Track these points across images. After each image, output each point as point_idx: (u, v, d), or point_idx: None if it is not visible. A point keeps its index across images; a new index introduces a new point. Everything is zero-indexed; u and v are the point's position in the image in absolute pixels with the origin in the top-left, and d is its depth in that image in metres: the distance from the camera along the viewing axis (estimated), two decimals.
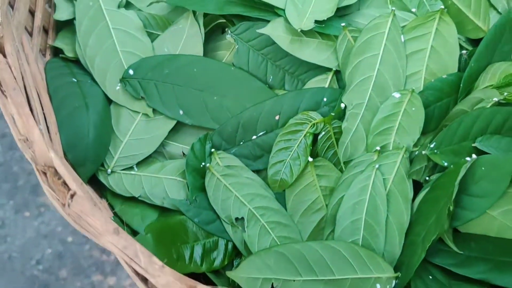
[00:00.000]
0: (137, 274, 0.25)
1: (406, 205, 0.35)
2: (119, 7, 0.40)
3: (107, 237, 0.22)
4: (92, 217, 0.23)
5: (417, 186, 0.37)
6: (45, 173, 0.25)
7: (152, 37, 0.40)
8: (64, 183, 0.24)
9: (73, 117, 0.36)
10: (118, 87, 0.38)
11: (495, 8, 0.45)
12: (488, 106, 0.36)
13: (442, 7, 0.37)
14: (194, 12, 0.39)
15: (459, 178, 0.33)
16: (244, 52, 0.38)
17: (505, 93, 0.36)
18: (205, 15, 0.39)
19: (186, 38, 0.39)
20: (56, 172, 0.24)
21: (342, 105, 0.36)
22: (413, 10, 0.39)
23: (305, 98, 0.36)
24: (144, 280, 0.26)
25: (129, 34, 0.39)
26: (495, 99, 0.36)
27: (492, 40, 0.37)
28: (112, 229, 0.22)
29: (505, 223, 0.35)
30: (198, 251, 0.34)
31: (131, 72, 0.37)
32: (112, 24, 0.39)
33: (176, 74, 0.37)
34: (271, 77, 0.38)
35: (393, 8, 0.37)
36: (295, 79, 0.38)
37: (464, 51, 0.38)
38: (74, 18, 0.41)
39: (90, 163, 0.35)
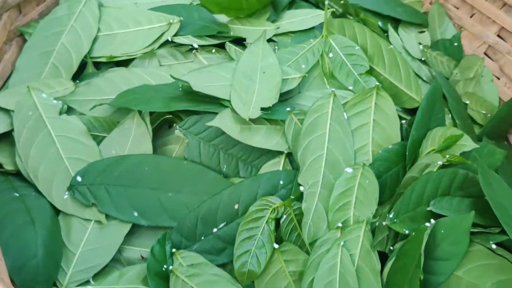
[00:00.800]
0: None
1: (376, 278, 0.35)
2: (60, 113, 0.39)
3: None
4: None
5: (383, 257, 0.37)
6: None
7: (98, 139, 0.39)
8: None
9: (18, 236, 0.33)
10: (66, 196, 0.36)
11: (420, 77, 0.49)
12: (435, 170, 0.38)
13: (377, 83, 0.40)
14: (139, 111, 0.39)
15: (423, 245, 0.33)
16: (194, 145, 0.38)
17: (447, 156, 0.38)
18: (151, 112, 0.39)
19: (133, 137, 0.38)
20: None
21: (301, 187, 0.36)
22: (350, 88, 0.42)
23: (262, 183, 0.36)
24: None
25: (73, 140, 0.38)
26: (439, 162, 0.38)
27: (427, 109, 0.40)
28: None
29: (471, 281, 0.36)
30: None
31: (79, 178, 0.36)
32: (55, 132, 0.38)
33: (126, 175, 0.36)
34: (225, 166, 0.38)
35: (333, 89, 0.39)
36: (249, 165, 0.39)
37: (403, 121, 0.41)
38: (12, 130, 0.39)
39: (40, 285, 0.32)
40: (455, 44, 0.57)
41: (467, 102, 0.49)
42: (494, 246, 0.35)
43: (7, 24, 0.44)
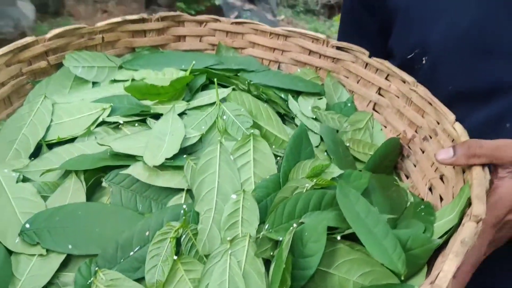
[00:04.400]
0: None
1: (261, 279, 0.44)
2: (17, 182, 0.51)
3: None
4: None
5: (269, 263, 0.46)
6: None
7: (46, 198, 0.51)
8: None
9: None
10: (17, 240, 0.46)
11: (311, 130, 0.62)
12: (304, 191, 0.49)
13: (253, 131, 0.53)
14: (76, 172, 0.51)
15: (288, 241, 0.43)
16: (117, 192, 0.49)
17: (315, 180, 0.49)
18: (85, 171, 0.51)
19: (72, 193, 0.50)
20: None
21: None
22: (238, 138, 0.54)
23: (167, 213, 0.47)
24: None
25: (25, 199, 0.49)
26: (307, 185, 0.49)
27: (294, 145, 0.52)
28: None
29: (342, 276, 0.45)
30: None
31: (27, 225, 0.47)
32: (11, 195, 0.50)
33: (64, 219, 0.47)
34: (141, 206, 0.49)
35: (221, 141, 0.52)
36: (159, 203, 0.50)
37: (279, 158, 0.53)
38: None
39: None
40: (349, 104, 0.71)
41: (348, 144, 0.61)
42: (339, 238, 0.45)
43: None
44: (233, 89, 0.62)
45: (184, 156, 0.50)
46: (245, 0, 5.81)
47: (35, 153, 0.56)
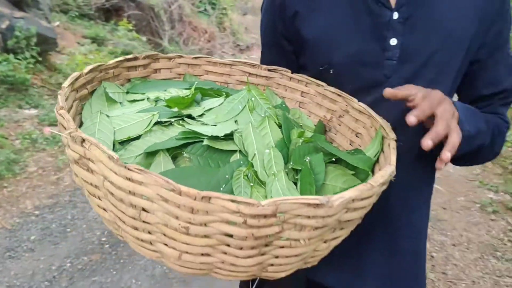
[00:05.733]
0: None
1: (296, 191, 0.77)
2: None
3: None
4: None
5: None
6: None
7: None
8: None
9: None
10: None
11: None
12: (300, 144, 0.85)
13: (267, 113, 0.87)
14: (162, 151, 0.76)
15: (306, 167, 0.78)
16: (195, 159, 0.77)
17: (303, 138, 0.85)
18: (168, 150, 0.77)
19: (163, 164, 0.75)
20: None
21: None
22: (262, 115, 0.87)
23: (233, 164, 0.77)
24: None
25: None
26: (300, 141, 0.85)
27: (285, 123, 0.87)
28: None
29: (332, 185, 0.80)
30: None
31: None
32: None
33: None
34: (212, 165, 0.78)
35: (251, 121, 0.84)
36: (223, 161, 0.79)
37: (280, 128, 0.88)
38: None
39: None
40: (283, 105, 1.09)
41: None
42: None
43: None
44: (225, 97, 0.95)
45: (232, 130, 0.81)
46: (13, 8, 5.51)
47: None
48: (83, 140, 0.63)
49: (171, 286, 2.86)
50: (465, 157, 0.93)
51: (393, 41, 0.93)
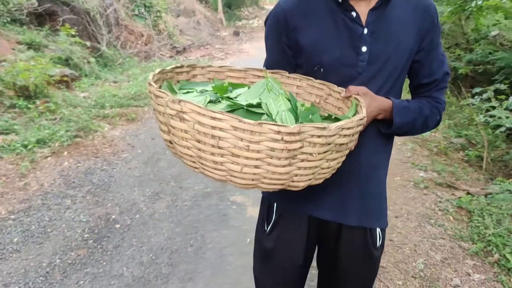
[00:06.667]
0: None
1: None
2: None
3: None
4: None
5: None
6: None
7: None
8: None
9: None
10: None
11: None
12: (304, 110, 1.29)
13: (281, 91, 1.32)
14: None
15: (312, 116, 1.22)
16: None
17: (304, 106, 1.30)
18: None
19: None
20: None
21: None
22: (277, 93, 1.32)
23: (266, 119, 1.20)
24: None
25: None
26: (302, 108, 1.29)
27: (292, 99, 1.32)
28: None
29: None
30: None
31: None
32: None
33: None
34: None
35: (271, 96, 1.28)
36: (257, 118, 1.22)
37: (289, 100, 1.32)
38: None
39: None
40: (288, 93, 1.54)
41: None
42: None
43: None
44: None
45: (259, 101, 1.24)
46: None
47: None
48: (180, 101, 1.05)
49: (160, 270, 3.18)
50: (402, 134, 1.50)
51: (364, 49, 1.39)
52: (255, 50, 14.47)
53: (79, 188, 4.29)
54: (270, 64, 1.59)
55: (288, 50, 1.48)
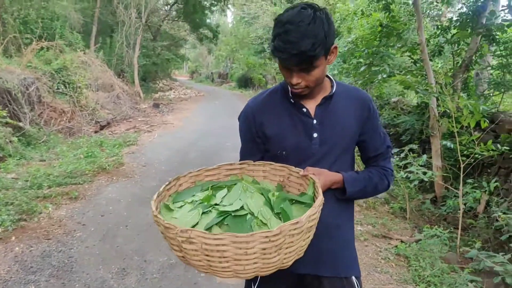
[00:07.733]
0: None
1: (279, 221, 1.57)
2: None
3: None
4: None
5: None
6: None
7: None
8: None
9: None
10: None
11: None
12: (275, 199, 1.64)
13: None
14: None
15: (282, 210, 1.58)
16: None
17: (276, 194, 1.65)
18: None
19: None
20: None
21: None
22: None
23: None
24: None
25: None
26: (273, 198, 1.64)
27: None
28: None
29: (298, 215, 1.62)
30: None
31: None
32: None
33: None
34: None
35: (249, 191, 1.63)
36: None
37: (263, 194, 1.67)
38: None
39: None
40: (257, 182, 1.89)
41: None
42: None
43: None
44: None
45: (242, 204, 1.59)
46: None
47: None
48: (187, 230, 1.38)
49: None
50: (356, 198, 1.87)
51: (315, 135, 1.76)
52: (179, 122, 14.60)
53: (39, 272, 4.09)
54: (244, 150, 1.99)
55: (258, 139, 1.87)
